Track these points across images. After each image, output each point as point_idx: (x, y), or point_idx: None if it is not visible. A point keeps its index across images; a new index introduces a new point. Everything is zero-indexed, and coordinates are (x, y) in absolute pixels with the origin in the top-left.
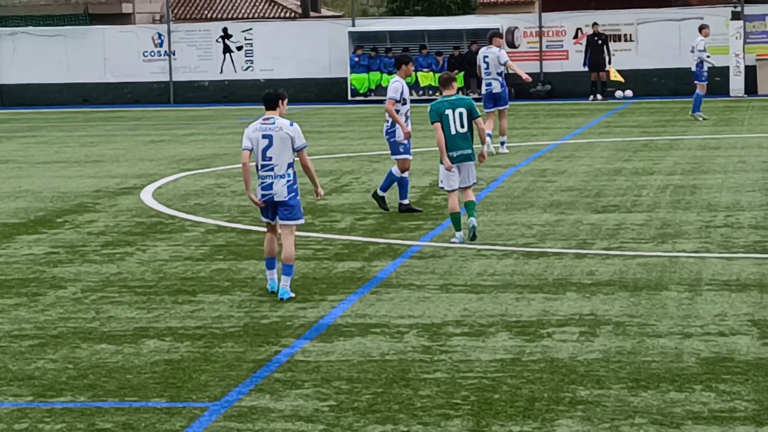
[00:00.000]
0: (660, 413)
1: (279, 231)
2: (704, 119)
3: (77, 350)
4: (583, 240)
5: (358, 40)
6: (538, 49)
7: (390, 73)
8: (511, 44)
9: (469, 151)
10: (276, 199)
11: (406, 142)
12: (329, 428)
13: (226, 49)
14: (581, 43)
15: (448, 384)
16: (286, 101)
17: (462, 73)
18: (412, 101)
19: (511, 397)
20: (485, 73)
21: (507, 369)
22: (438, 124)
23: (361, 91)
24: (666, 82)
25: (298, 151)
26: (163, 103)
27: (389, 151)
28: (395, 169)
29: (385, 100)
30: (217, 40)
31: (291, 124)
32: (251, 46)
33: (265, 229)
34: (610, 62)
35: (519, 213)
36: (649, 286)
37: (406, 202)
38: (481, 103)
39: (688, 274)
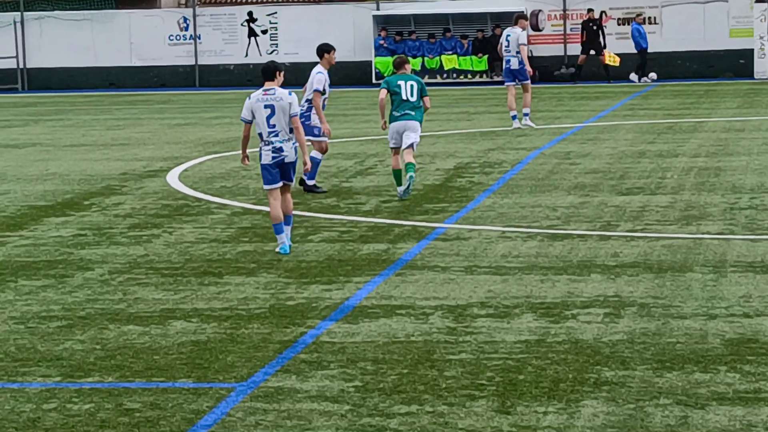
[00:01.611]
0: (685, 394)
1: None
2: None
3: (105, 331)
4: (607, 222)
5: (383, 23)
6: (562, 32)
7: (414, 57)
8: (535, 27)
9: (413, 114)
10: (287, 160)
11: (320, 125)
12: (355, 409)
13: (251, 33)
14: (605, 26)
15: (473, 365)
16: (282, 73)
17: (486, 57)
18: (437, 84)
19: (536, 378)
20: (506, 50)
21: (532, 350)
22: (384, 90)
23: (385, 75)
24: (690, 64)
25: (291, 117)
26: (188, 86)
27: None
28: (315, 153)
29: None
30: (242, 24)
31: (290, 94)
32: (276, 30)
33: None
34: (605, 46)
35: (543, 195)
36: (673, 267)
37: (311, 183)
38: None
39: (712, 255)
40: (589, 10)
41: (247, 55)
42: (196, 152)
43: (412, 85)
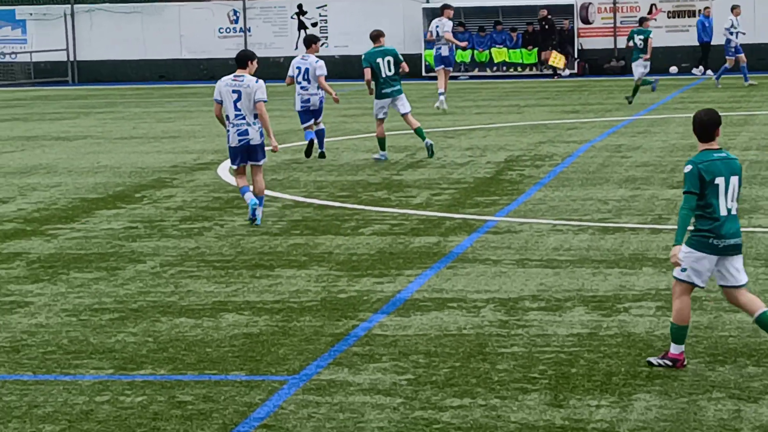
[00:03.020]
0: (737, 387)
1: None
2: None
3: (157, 324)
4: (658, 215)
5: (433, 16)
6: (612, 25)
7: (464, 50)
8: (585, 20)
9: (398, 87)
10: (252, 143)
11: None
12: (407, 401)
13: (301, 26)
14: (655, 19)
15: (525, 358)
16: (255, 61)
17: (536, 50)
18: (487, 77)
19: (588, 371)
20: (437, 39)
21: (584, 343)
22: (369, 69)
23: (435, 68)
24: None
25: (256, 102)
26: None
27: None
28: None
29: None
30: (292, 17)
31: (256, 81)
32: (326, 23)
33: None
34: (557, 46)
35: (594, 188)
36: None
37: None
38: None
39: (764, 249)
40: (542, 9)
41: (296, 47)
42: None
43: (389, 60)
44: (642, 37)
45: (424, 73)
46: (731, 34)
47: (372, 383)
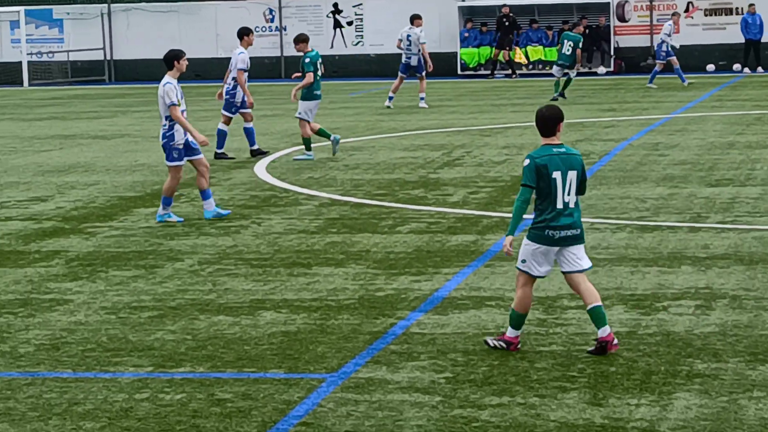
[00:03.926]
0: None
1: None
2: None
3: (195, 322)
4: (697, 214)
5: (468, 14)
6: (648, 23)
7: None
8: (621, 18)
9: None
10: (190, 139)
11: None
12: (446, 400)
13: (337, 25)
14: (692, 17)
15: (564, 357)
16: (181, 60)
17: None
18: (523, 75)
19: (627, 370)
20: (407, 48)
21: (623, 342)
22: (311, 73)
23: (471, 66)
24: None
25: (168, 106)
26: (274, 78)
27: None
28: (223, 126)
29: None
30: (327, 16)
31: (164, 84)
32: (361, 21)
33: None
34: (517, 43)
35: (632, 186)
36: (765, 260)
37: (220, 151)
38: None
39: None
40: (504, 6)
41: (332, 46)
42: (283, 143)
43: (321, 63)
44: (572, 43)
45: (459, 72)
46: (668, 37)
47: (410, 381)
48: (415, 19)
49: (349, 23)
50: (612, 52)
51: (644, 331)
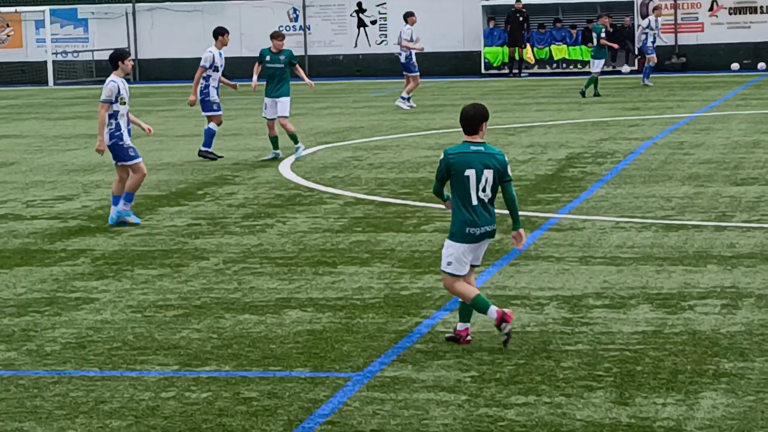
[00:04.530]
0: None
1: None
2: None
3: (221, 320)
4: (722, 212)
5: (492, 13)
6: (673, 22)
7: (524, 47)
8: (646, 16)
9: (283, 88)
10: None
11: (218, 100)
12: (472, 399)
13: (361, 24)
14: (716, 16)
15: (590, 356)
16: (126, 60)
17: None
18: (547, 74)
19: (653, 369)
20: (397, 45)
21: (649, 341)
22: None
23: (494, 65)
24: None
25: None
26: (298, 77)
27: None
28: (212, 125)
29: None
30: (351, 15)
31: (107, 83)
32: (385, 21)
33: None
34: (528, 39)
35: (657, 185)
36: None
37: (205, 149)
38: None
39: None
40: (517, 1)
41: (356, 45)
42: (307, 142)
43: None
44: (595, 34)
45: (483, 71)
46: (653, 30)
47: (436, 380)
48: (408, 16)
49: (373, 22)
50: (636, 51)
51: (670, 330)
